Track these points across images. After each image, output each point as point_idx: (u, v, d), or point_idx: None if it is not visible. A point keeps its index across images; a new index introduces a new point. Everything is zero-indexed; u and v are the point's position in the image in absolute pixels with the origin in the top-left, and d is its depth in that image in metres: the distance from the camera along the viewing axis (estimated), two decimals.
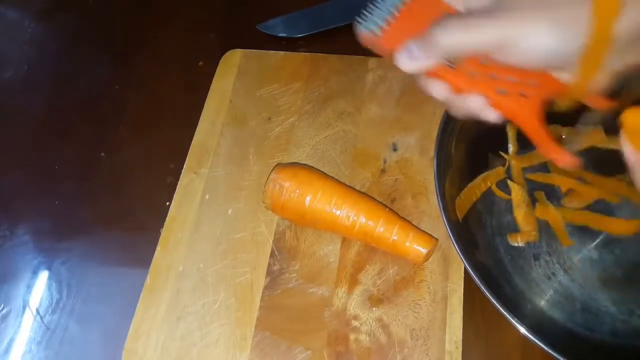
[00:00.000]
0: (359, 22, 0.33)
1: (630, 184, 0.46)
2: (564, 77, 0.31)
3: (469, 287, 0.46)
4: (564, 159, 0.32)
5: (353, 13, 0.61)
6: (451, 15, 0.31)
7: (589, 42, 0.28)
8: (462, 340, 0.44)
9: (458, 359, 0.43)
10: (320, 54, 0.60)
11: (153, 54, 0.64)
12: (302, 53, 0.60)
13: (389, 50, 0.32)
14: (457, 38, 0.30)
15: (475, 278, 0.38)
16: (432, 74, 0.32)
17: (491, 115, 0.32)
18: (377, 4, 0.33)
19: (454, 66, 0.32)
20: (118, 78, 0.63)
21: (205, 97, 0.58)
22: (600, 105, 0.33)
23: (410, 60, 0.31)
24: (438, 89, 0.33)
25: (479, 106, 0.32)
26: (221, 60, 0.61)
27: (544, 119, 0.32)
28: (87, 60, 0.66)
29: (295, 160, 0.54)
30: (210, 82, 0.59)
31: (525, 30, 0.29)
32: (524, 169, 0.50)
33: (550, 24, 0.28)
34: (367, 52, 0.59)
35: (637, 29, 0.28)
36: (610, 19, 0.27)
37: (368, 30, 0.33)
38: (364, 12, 0.33)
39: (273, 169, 0.48)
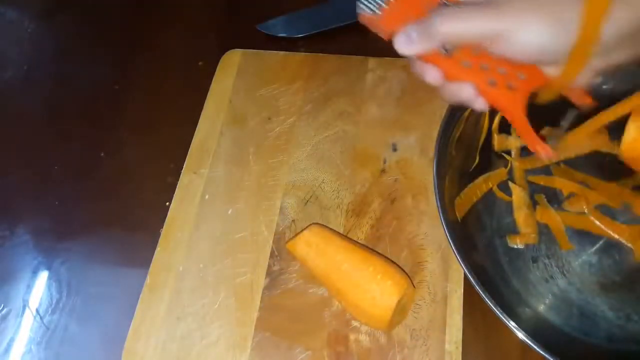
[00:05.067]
0: (360, 0, 0.34)
1: (633, 189, 0.47)
2: (551, 71, 0.33)
3: (469, 287, 0.46)
4: (544, 149, 0.34)
5: (353, 13, 0.62)
6: (449, 4, 0.33)
7: (577, 40, 0.29)
8: (462, 341, 0.44)
9: (458, 359, 0.43)
10: (320, 54, 0.60)
11: (153, 54, 0.64)
12: (302, 53, 0.60)
13: (388, 32, 0.34)
14: (454, 27, 0.31)
15: (474, 282, 0.38)
16: (427, 59, 0.33)
17: (480, 104, 0.34)
18: None
19: (449, 54, 0.33)
20: (118, 78, 0.63)
21: (205, 97, 0.58)
22: (581, 100, 0.35)
23: (408, 44, 0.33)
24: (432, 74, 0.34)
25: (469, 95, 0.34)
26: (221, 60, 0.61)
27: (527, 111, 0.33)
28: (87, 60, 0.66)
29: (295, 161, 0.54)
30: (210, 82, 0.59)
31: (519, 25, 0.30)
32: (526, 171, 0.50)
33: (543, 22, 0.29)
34: (367, 52, 0.60)
35: (623, 29, 0.29)
36: (598, 20, 0.29)
37: (368, 9, 0.34)
38: None
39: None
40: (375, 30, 0.34)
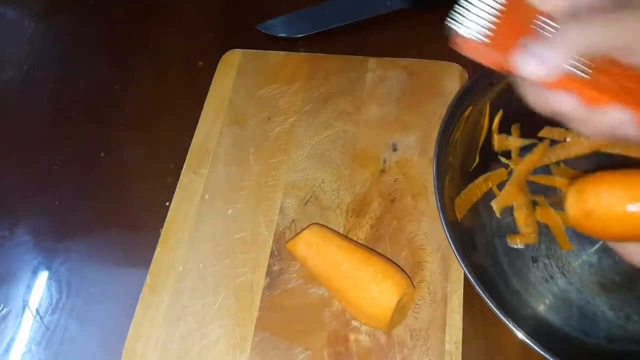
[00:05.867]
0: (451, 24, 0.28)
1: None
2: None
3: (469, 287, 0.46)
4: None
5: (353, 13, 0.62)
6: (546, 20, 0.27)
7: None
8: (462, 341, 0.44)
9: (458, 359, 0.43)
10: (320, 54, 0.60)
11: (153, 54, 0.64)
12: (302, 53, 0.60)
13: (499, 56, 0.28)
14: (596, 34, 0.25)
15: (474, 282, 0.38)
16: (560, 83, 0.27)
17: (636, 132, 0.27)
18: (468, 4, 0.28)
19: (585, 75, 0.27)
20: (118, 78, 0.63)
21: (205, 97, 0.58)
22: None
23: (538, 63, 0.26)
24: (567, 102, 0.27)
25: (620, 122, 0.27)
26: (221, 60, 0.61)
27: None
28: (87, 60, 0.66)
29: (295, 161, 0.54)
30: (210, 82, 0.59)
31: None
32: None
33: None
34: (367, 52, 0.60)
35: None
36: None
37: (468, 34, 0.28)
38: (455, 13, 0.28)
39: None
40: (478, 58, 0.28)
